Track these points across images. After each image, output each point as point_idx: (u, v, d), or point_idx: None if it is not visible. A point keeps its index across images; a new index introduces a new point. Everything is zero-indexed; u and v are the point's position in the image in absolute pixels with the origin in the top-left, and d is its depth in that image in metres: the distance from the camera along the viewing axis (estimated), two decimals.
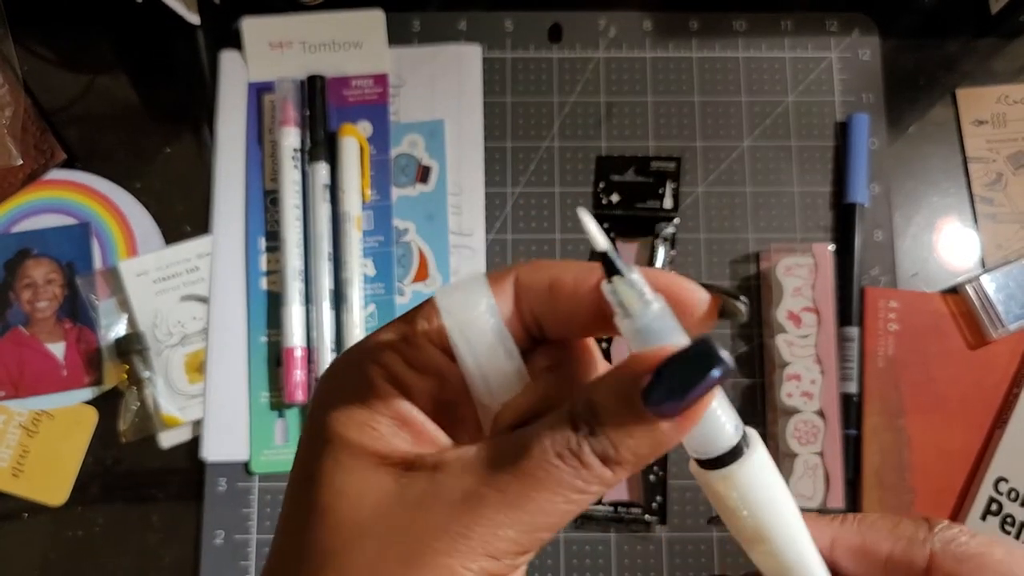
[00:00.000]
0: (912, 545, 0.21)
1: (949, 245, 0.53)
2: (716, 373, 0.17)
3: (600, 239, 0.19)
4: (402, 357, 0.20)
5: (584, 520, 0.49)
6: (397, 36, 0.55)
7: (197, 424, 0.50)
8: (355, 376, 0.20)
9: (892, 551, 0.21)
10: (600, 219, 0.53)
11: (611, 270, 0.18)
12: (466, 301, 0.19)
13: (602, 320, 0.19)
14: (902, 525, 0.22)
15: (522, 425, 0.19)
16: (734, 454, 0.19)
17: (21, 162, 0.52)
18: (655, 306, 0.18)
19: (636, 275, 0.18)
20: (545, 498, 0.18)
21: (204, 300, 0.52)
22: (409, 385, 0.20)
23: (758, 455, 0.20)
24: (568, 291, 0.20)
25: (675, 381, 0.17)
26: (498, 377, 0.20)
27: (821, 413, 0.49)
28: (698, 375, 0.17)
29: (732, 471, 0.19)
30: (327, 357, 0.49)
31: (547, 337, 0.21)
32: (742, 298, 0.20)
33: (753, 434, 0.20)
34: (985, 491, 0.48)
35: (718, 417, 0.19)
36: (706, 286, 0.20)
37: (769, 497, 0.20)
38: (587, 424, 0.18)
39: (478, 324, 0.19)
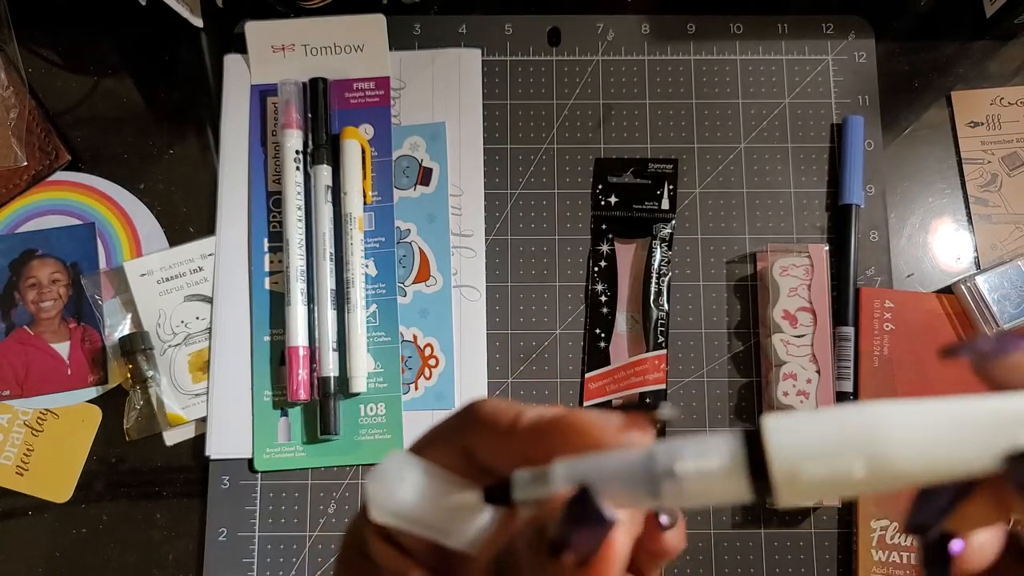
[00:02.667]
0: None
1: (944, 246, 0.54)
2: (608, 516, 0.17)
3: (470, 498, 0.19)
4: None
5: None
6: (398, 40, 0.56)
7: (201, 422, 0.51)
8: (358, 545, 0.22)
9: None
10: (599, 220, 0.54)
11: (505, 503, 0.19)
12: (391, 488, 0.19)
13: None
14: None
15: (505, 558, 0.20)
16: (756, 463, 0.17)
17: (26, 163, 0.53)
18: (560, 482, 0.18)
19: (520, 492, 0.18)
20: None
21: (208, 300, 0.52)
22: (410, 548, 0.21)
23: (776, 450, 0.17)
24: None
25: (572, 530, 0.17)
26: (463, 529, 0.20)
27: None
28: (592, 521, 0.17)
29: (774, 483, 0.17)
30: (329, 356, 0.50)
31: None
32: (662, 406, 0.19)
33: (766, 425, 0.17)
34: None
35: (706, 467, 0.17)
36: (620, 407, 0.20)
37: (825, 467, 0.17)
38: None
39: (411, 503, 0.19)
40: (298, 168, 0.52)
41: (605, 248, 0.53)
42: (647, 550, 0.20)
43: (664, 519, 0.20)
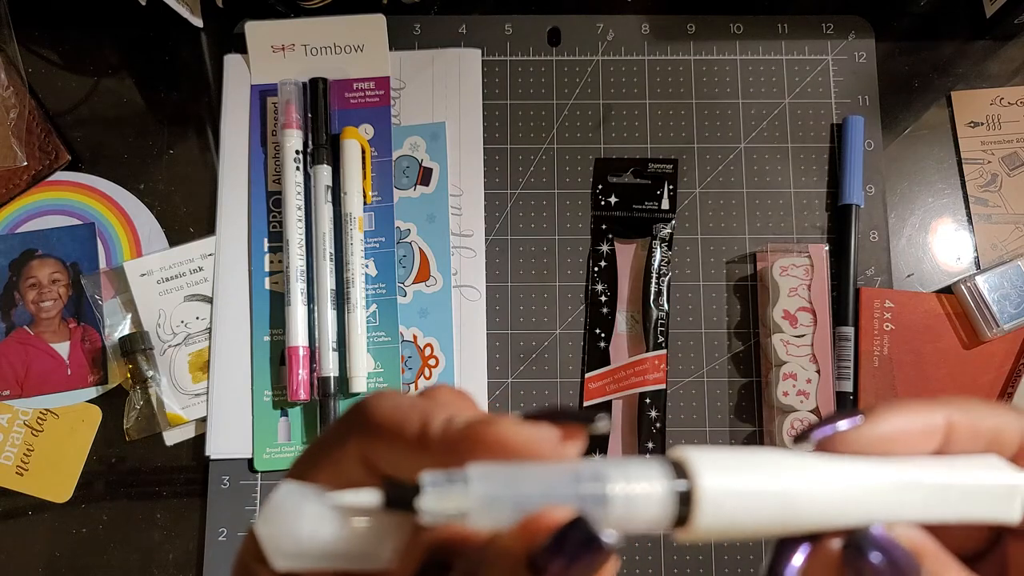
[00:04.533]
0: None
1: (944, 246, 0.54)
2: (606, 544, 0.16)
3: (367, 498, 0.16)
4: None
5: None
6: (398, 40, 0.56)
7: (201, 422, 0.51)
8: None
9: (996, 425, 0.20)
10: (599, 220, 0.54)
11: (408, 508, 0.16)
12: (289, 528, 0.17)
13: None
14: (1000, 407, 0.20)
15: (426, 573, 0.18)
16: (684, 504, 0.17)
17: (26, 163, 0.53)
18: (476, 490, 0.16)
19: (430, 498, 0.16)
20: None
21: (208, 300, 0.52)
22: None
23: (707, 485, 0.17)
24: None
25: (563, 560, 0.16)
26: (378, 549, 0.17)
27: (817, 412, 0.49)
28: (585, 550, 0.16)
29: (695, 523, 0.17)
30: (329, 356, 0.50)
31: None
32: (598, 418, 0.18)
33: (691, 460, 0.17)
34: None
35: (631, 496, 0.16)
36: (542, 416, 0.18)
37: (757, 509, 0.17)
38: None
39: (315, 538, 0.17)
40: (298, 168, 0.52)
41: (605, 248, 0.53)
42: None
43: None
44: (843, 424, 0.19)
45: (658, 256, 0.53)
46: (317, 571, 0.17)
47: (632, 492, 0.16)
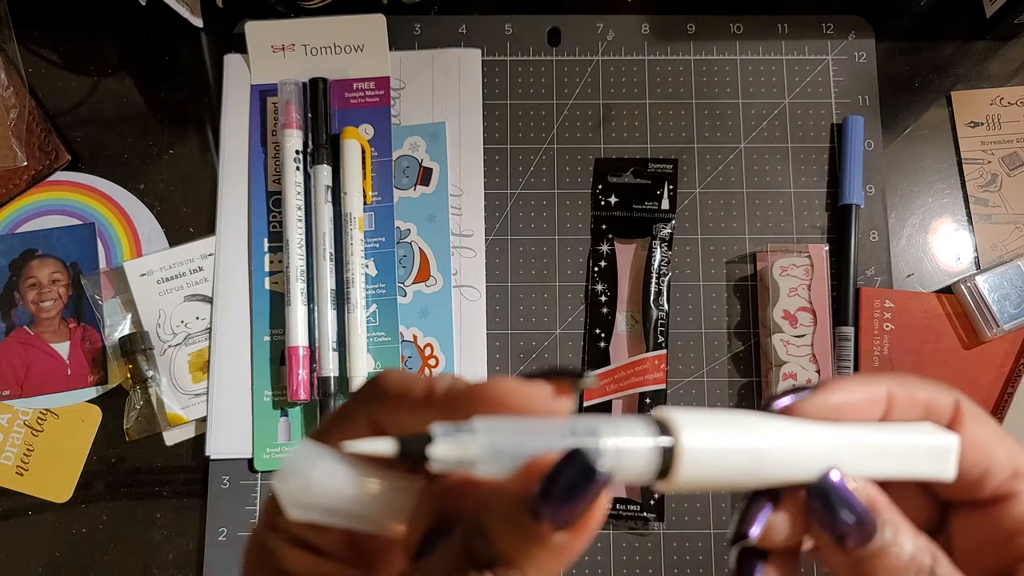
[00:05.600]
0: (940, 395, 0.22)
1: (944, 246, 0.54)
2: (600, 476, 0.17)
3: (383, 446, 0.17)
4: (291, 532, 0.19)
5: None
6: (398, 40, 0.56)
7: (201, 422, 0.51)
8: (267, 560, 0.20)
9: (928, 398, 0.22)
10: (599, 220, 0.54)
11: (418, 459, 0.17)
12: (304, 481, 0.18)
13: None
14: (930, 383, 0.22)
15: (431, 539, 0.19)
16: (667, 458, 0.18)
17: (26, 163, 0.53)
18: (481, 439, 0.17)
19: (440, 448, 0.17)
20: None
21: (208, 300, 0.52)
22: (327, 549, 0.20)
23: (688, 442, 0.18)
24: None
25: (560, 494, 0.17)
26: (387, 511, 0.19)
27: None
28: (581, 484, 0.17)
29: (675, 475, 0.18)
30: (329, 356, 0.50)
31: None
32: (587, 373, 0.19)
33: (672, 419, 0.19)
34: None
35: (621, 449, 0.18)
36: (535, 374, 0.19)
37: (731, 464, 0.19)
38: (487, 558, 0.17)
39: (328, 491, 0.18)
40: (298, 168, 0.52)
41: (605, 248, 0.53)
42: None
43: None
44: (797, 396, 0.21)
45: (658, 256, 0.53)
46: (328, 524, 0.18)
47: (622, 445, 0.18)
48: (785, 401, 0.21)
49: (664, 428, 0.19)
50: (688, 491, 0.19)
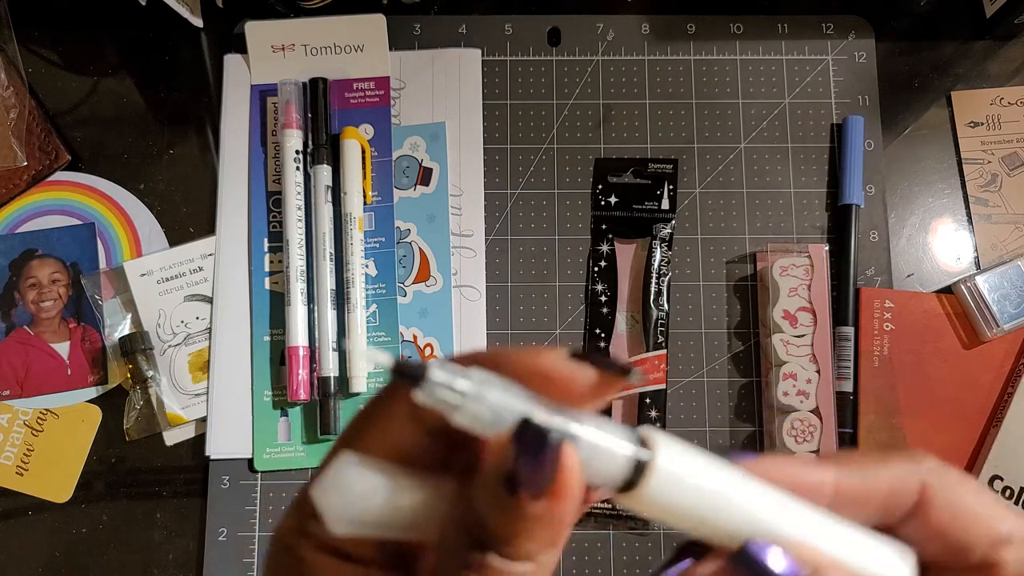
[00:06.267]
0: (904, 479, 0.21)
1: (944, 246, 0.54)
2: (553, 439, 0.17)
3: (382, 358, 0.17)
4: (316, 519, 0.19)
5: (583, 518, 0.50)
6: (398, 40, 0.56)
7: (201, 422, 0.51)
8: (296, 569, 0.19)
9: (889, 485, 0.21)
10: (599, 220, 0.54)
11: (410, 379, 0.17)
12: (346, 495, 0.18)
13: None
14: (893, 459, 0.21)
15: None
16: (637, 471, 0.18)
17: (26, 163, 0.53)
18: (475, 391, 0.17)
19: (438, 372, 0.17)
20: None
21: (208, 300, 0.52)
22: (349, 551, 0.19)
23: (661, 467, 0.18)
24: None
25: (524, 464, 0.17)
26: (419, 518, 0.19)
27: (817, 412, 0.49)
28: (539, 448, 0.17)
29: (640, 492, 0.18)
30: (329, 356, 0.50)
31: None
32: (633, 371, 0.19)
33: (654, 437, 0.19)
34: None
35: (597, 446, 0.18)
36: (585, 357, 0.19)
37: (692, 499, 0.19)
38: (484, 540, 0.17)
39: (370, 505, 0.18)
40: (298, 168, 0.52)
41: (605, 248, 0.53)
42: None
43: None
44: (740, 456, 0.21)
45: (658, 256, 0.53)
46: (369, 537, 0.18)
47: (598, 442, 0.18)
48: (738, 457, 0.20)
49: (645, 444, 0.18)
50: (647, 513, 0.19)
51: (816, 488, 0.21)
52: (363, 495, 0.18)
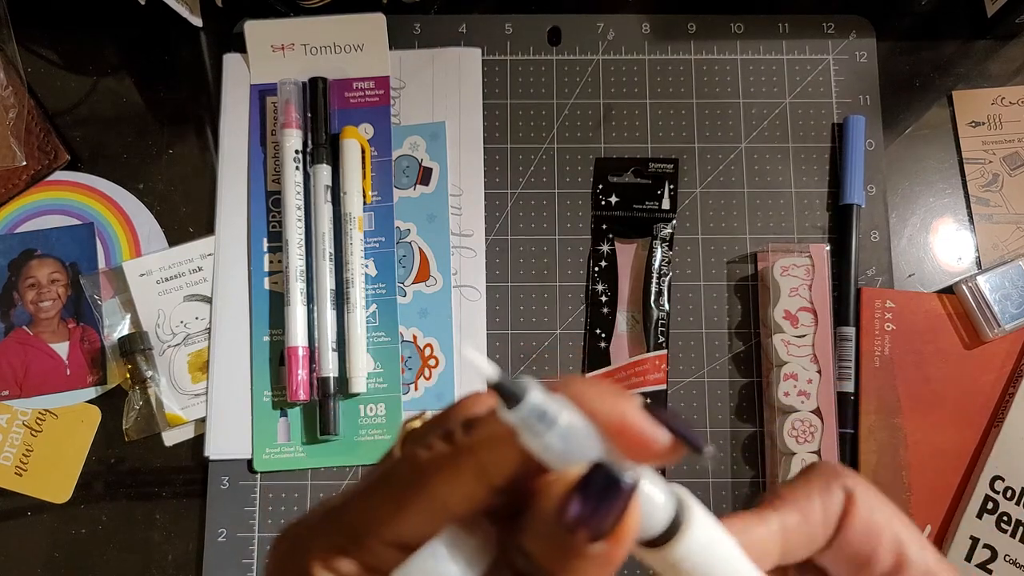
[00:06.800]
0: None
1: (945, 246, 0.54)
2: (626, 485, 0.17)
3: (488, 369, 0.17)
4: (341, 551, 0.19)
5: None
6: (398, 39, 0.56)
7: (200, 423, 0.51)
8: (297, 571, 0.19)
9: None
10: (599, 220, 0.54)
11: (509, 398, 0.17)
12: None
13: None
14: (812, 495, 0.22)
15: None
16: (670, 530, 0.19)
17: (25, 163, 0.53)
18: (562, 423, 0.17)
19: (535, 394, 0.17)
20: None
21: (207, 300, 0.52)
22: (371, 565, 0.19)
23: (695, 527, 0.19)
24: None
25: (590, 506, 0.17)
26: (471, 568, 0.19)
27: (818, 412, 0.49)
28: (610, 491, 0.17)
29: (670, 549, 0.19)
30: (329, 356, 0.50)
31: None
32: (707, 448, 0.19)
33: (688, 501, 0.19)
34: (981, 490, 0.49)
35: (650, 498, 0.18)
36: (662, 420, 0.19)
37: (713, 565, 0.19)
38: (529, 573, 0.17)
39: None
40: (298, 168, 0.52)
41: (605, 248, 0.53)
42: None
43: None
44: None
45: (659, 256, 0.52)
46: None
47: (652, 496, 0.18)
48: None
49: (681, 507, 0.19)
50: (662, 568, 0.20)
51: (768, 539, 0.21)
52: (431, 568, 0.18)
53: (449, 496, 0.18)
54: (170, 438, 0.51)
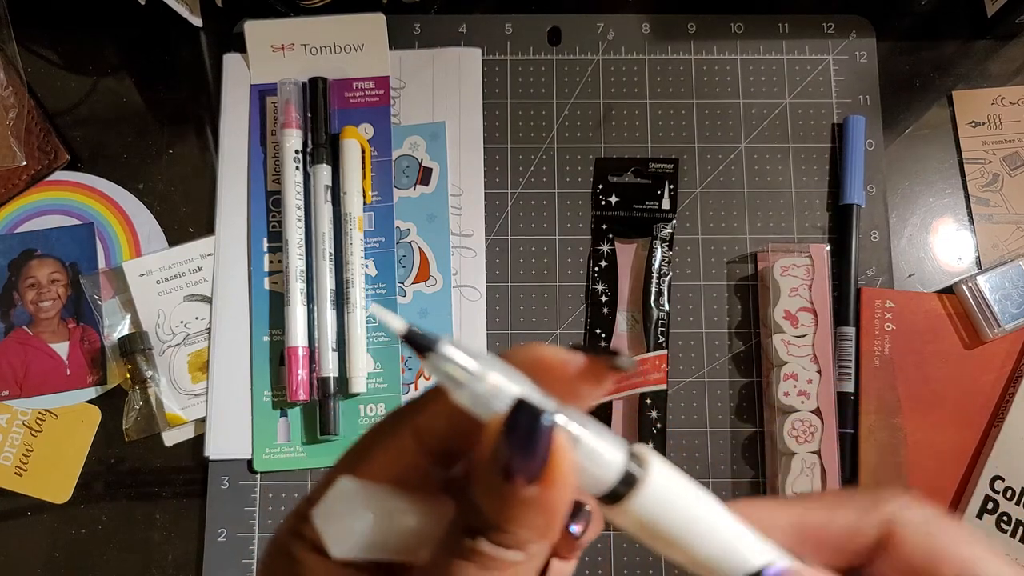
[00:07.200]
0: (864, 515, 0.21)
1: (945, 246, 0.54)
2: (547, 419, 0.17)
3: (395, 323, 0.17)
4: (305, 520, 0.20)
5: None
6: (398, 39, 0.56)
7: (200, 423, 0.51)
8: (289, 567, 0.20)
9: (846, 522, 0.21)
10: (599, 220, 0.54)
11: (421, 348, 0.17)
12: (347, 523, 0.19)
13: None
14: (856, 497, 0.22)
15: None
16: (627, 483, 0.18)
17: (25, 163, 0.53)
18: (482, 370, 0.17)
19: (449, 347, 0.17)
20: None
21: (207, 300, 0.52)
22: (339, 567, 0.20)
23: (653, 477, 0.18)
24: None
25: (519, 447, 0.17)
26: (414, 540, 0.19)
27: (818, 412, 0.49)
28: (532, 432, 0.17)
29: (629, 504, 0.18)
30: (329, 356, 0.50)
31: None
32: (621, 358, 0.19)
33: (645, 455, 0.19)
34: (981, 490, 0.49)
35: (592, 450, 0.18)
36: (579, 348, 0.19)
37: (678, 520, 0.19)
38: (478, 527, 0.18)
39: (362, 529, 0.19)
40: (298, 168, 0.52)
41: (605, 248, 0.53)
42: (561, 550, 0.20)
43: (575, 528, 0.19)
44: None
45: (659, 256, 0.52)
46: (367, 559, 0.19)
47: (594, 447, 0.18)
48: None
49: (638, 459, 0.19)
50: (628, 526, 0.19)
51: (773, 524, 0.21)
52: (360, 520, 0.18)
53: (387, 459, 0.19)
54: (170, 438, 0.51)
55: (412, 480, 0.20)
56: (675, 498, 0.19)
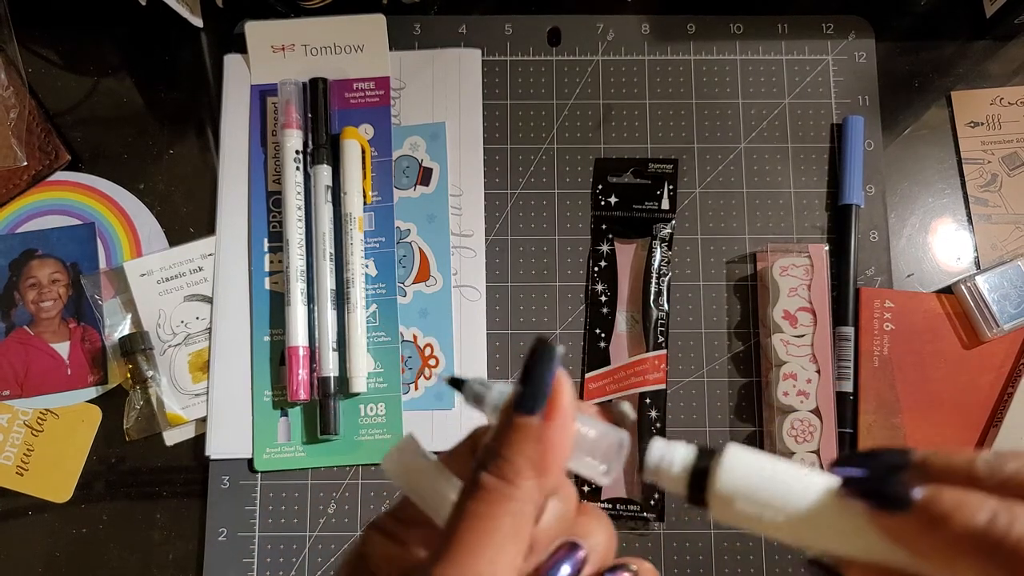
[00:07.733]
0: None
1: (944, 246, 0.54)
2: (553, 355, 0.20)
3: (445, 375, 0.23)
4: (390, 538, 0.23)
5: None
6: (398, 40, 0.56)
7: (201, 422, 0.51)
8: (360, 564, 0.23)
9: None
10: (599, 220, 0.54)
11: (456, 385, 0.23)
12: (404, 456, 0.23)
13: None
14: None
15: None
16: (703, 472, 0.21)
17: (26, 163, 0.53)
18: (502, 385, 0.22)
19: (474, 381, 0.22)
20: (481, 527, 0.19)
21: (208, 300, 0.52)
22: (397, 535, 0.23)
23: (728, 457, 0.21)
24: None
25: (530, 382, 0.20)
26: (442, 503, 0.22)
27: (817, 412, 0.49)
28: (541, 363, 0.20)
29: (713, 486, 0.21)
30: (329, 356, 0.50)
31: None
32: (623, 406, 0.23)
33: (722, 449, 0.21)
34: None
35: (666, 446, 0.22)
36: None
37: (763, 481, 0.20)
38: (482, 458, 0.20)
39: (414, 470, 0.23)
40: (298, 168, 0.52)
41: (605, 248, 0.53)
42: None
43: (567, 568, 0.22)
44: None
45: (658, 256, 0.53)
46: (405, 492, 0.23)
47: (667, 447, 0.22)
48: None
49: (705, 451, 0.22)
50: (724, 513, 0.21)
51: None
52: (415, 457, 0.23)
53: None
54: (171, 438, 0.51)
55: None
56: (752, 460, 0.21)
